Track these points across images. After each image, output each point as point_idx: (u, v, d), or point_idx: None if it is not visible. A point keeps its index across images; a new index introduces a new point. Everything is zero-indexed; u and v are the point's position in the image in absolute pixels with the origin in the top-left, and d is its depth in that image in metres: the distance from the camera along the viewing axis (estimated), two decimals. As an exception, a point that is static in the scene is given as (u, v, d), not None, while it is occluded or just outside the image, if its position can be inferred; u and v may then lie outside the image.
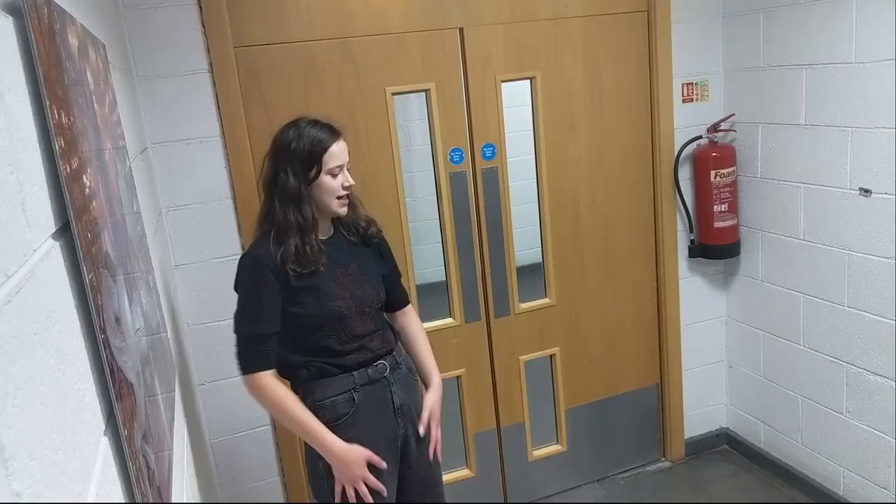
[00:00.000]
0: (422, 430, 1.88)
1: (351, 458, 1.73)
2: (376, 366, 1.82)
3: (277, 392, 1.72)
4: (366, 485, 1.75)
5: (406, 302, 2.03)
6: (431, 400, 1.91)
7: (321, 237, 1.82)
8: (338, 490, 1.77)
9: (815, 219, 2.54)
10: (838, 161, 2.41)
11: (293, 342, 1.77)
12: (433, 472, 1.97)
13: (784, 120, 2.60)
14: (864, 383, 2.46)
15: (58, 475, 0.58)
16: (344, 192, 1.77)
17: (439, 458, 1.94)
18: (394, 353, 1.88)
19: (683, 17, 2.73)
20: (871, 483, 2.50)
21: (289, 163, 1.72)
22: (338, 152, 1.75)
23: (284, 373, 1.82)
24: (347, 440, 1.75)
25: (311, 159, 1.72)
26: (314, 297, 1.75)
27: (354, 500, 1.76)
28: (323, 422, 1.75)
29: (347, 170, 1.79)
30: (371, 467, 1.77)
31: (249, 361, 1.72)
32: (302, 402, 1.76)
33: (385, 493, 1.78)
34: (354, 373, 1.78)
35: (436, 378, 1.95)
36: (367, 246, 1.91)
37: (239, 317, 1.74)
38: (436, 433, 1.91)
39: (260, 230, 1.78)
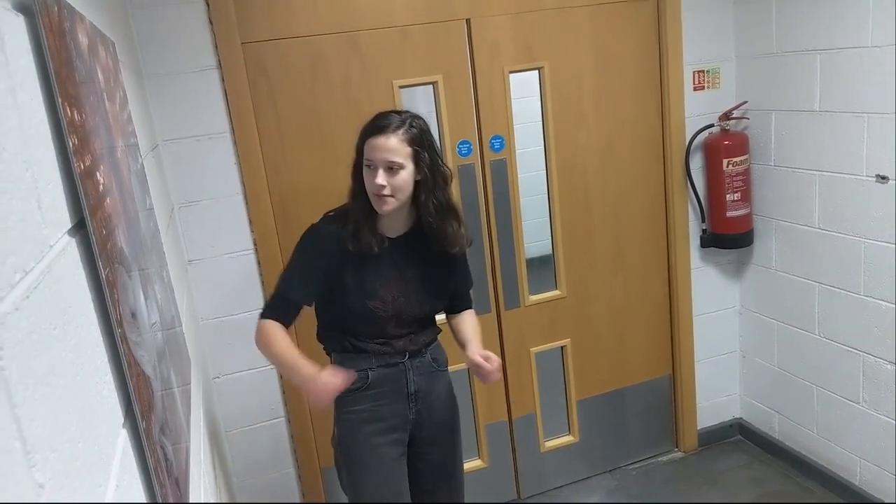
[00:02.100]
0: (477, 359, 1.80)
1: (323, 375, 1.68)
2: (394, 354, 1.86)
3: (270, 331, 1.75)
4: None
5: (466, 307, 2.02)
6: (472, 350, 1.85)
7: (388, 233, 1.81)
8: (315, 403, 1.73)
9: (831, 207, 2.52)
10: (854, 148, 2.38)
11: (329, 315, 1.86)
12: (450, 461, 2.00)
13: (798, 106, 2.57)
14: (881, 373, 2.44)
15: (78, 467, 0.58)
16: (378, 190, 1.70)
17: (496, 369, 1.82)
18: (419, 349, 1.90)
19: (694, 4, 2.70)
20: (888, 473, 2.49)
21: (356, 144, 1.78)
22: (375, 146, 1.70)
23: (318, 338, 1.92)
24: (357, 412, 1.84)
25: (359, 145, 1.76)
26: (356, 288, 1.79)
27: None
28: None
29: (391, 169, 1.69)
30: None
31: (268, 309, 1.81)
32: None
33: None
34: (374, 356, 1.84)
35: (474, 343, 1.90)
36: (443, 257, 1.86)
37: (283, 274, 1.85)
38: (494, 357, 1.82)
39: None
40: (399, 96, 2.44)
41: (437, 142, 1.81)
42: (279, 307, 1.81)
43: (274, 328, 1.77)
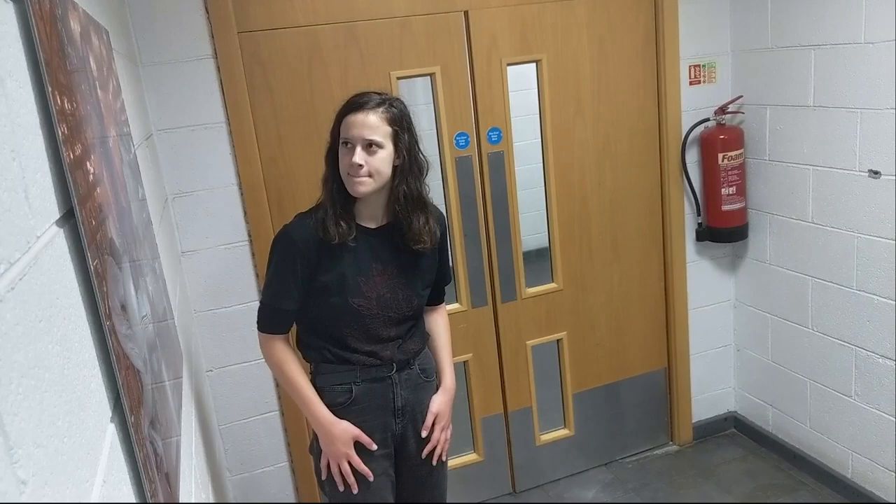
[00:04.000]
0: (423, 434, 1.84)
1: (335, 431, 1.72)
2: (381, 366, 1.77)
3: (279, 354, 1.75)
4: (351, 466, 1.74)
5: (438, 302, 1.98)
6: (437, 403, 1.86)
7: (367, 224, 1.73)
8: (323, 463, 1.77)
9: (824, 201, 2.52)
10: (847, 143, 2.38)
11: (311, 319, 1.76)
12: (434, 475, 1.91)
13: (792, 101, 2.57)
14: (873, 366, 2.45)
15: (64, 462, 0.58)
16: (354, 171, 1.63)
17: (434, 460, 1.87)
18: (408, 359, 1.82)
19: (691, -2, 2.70)
20: (880, 466, 2.50)
21: (331, 128, 1.71)
22: (353, 123, 1.62)
23: (298, 345, 1.83)
24: None
25: (335, 126, 1.68)
26: (337, 287, 1.70)
27: (338, 478, 1.75)
28: None
29: (369, 147, 1.62)
30: (363, 453, 1.76)
31: (264, 323, 1.76)
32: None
33: (371, 478, 1.75)
34: (358, 369, 1.76)
35: (447, 380, 1.90)
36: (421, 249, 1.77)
37: (265, 285, 1.77)
38: (439, 436, 1.86)
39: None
40: (397, 87, 2.42)
41: (417, 130, 1.72)
42: (273, 318, 1.74)
43: (281, 351, 1.74)
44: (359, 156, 1.61)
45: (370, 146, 1.63)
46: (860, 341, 2.48)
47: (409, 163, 1.68)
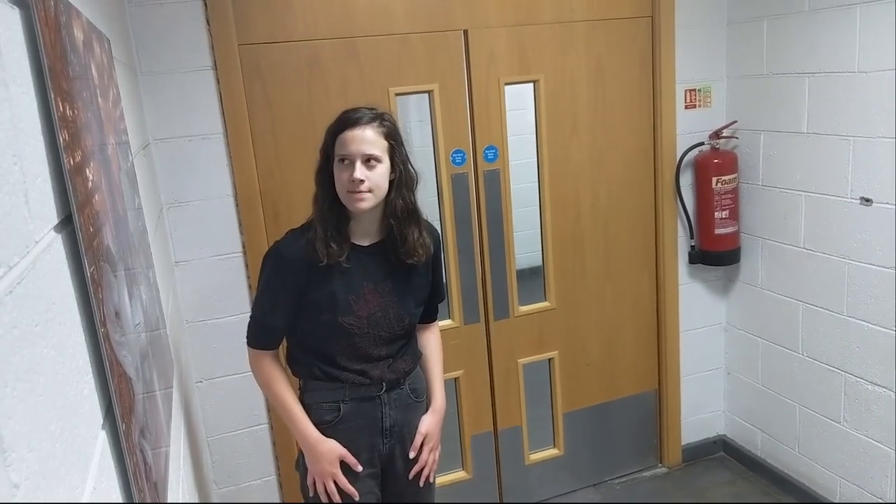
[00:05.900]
0: (411, 454, 1.82)
1: (322, 449, 1.71)
2: (371, 385, 1.75)
3: (268, 371, 1.74)
4: (337, 486, 1.72)
5: (432, 319, 1.97)
6: (426, 424, 1.84)
7: (360, 242, 1.72)
8: (309, 481, 1.76)
9: (816, 227, 2.54)
10: (839, 170, 2.41)
11: (301, 339, 1.75)
12: (421, 496, 1.89)
13: (786, 128, 2.60)
14: (862, 392, 2.46)
15: (55, 467, 0.57)
16: (354, 187, 1.60)
17: (421, 482, 1.85)
18: (398, 378, 1.79)
19: (687, 24, 2.73)
20: (867, 492, 2.50)
21: (321, 146, 1.70)
22: (348, 140, 1.60)
23: (288, 361, 1.81)
24: None
25: (326, 144, 1.67)
26: (328, 305, 1.68)
27: (324, 496, 1.73)
28: None
29: (368, 162, 1.61)
30: (349, 472, 1.74)
31: (253, 339, 1.76)
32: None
33: (357, 498, 1.74)
34: (347, 387, 1.74)
35: (438, 400, 1.88)
36: (414, 265, 1.76)
37: (255, 301, 1.77)
38: (427, 457, 1.84)
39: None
40: (394, 103, 2.44)
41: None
42: (262, 334, 1.74)
43: (270, 367, 1.73)
44: (360, 171, 1.60)
45: (369, 161, 1.62)
46: (850, 367, 2.49)
47: (404, 176, 1.69)
